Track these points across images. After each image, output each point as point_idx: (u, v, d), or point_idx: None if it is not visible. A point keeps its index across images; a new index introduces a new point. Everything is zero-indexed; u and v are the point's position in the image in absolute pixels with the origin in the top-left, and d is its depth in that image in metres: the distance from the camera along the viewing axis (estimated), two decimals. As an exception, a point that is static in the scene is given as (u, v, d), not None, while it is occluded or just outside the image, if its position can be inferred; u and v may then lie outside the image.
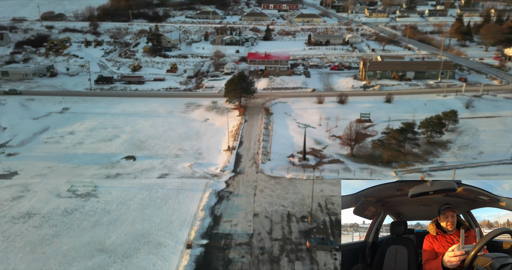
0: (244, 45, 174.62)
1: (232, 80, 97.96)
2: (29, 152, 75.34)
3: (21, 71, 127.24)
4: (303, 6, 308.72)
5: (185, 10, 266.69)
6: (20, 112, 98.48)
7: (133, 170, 67.78)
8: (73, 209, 54.13)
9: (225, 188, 61.17)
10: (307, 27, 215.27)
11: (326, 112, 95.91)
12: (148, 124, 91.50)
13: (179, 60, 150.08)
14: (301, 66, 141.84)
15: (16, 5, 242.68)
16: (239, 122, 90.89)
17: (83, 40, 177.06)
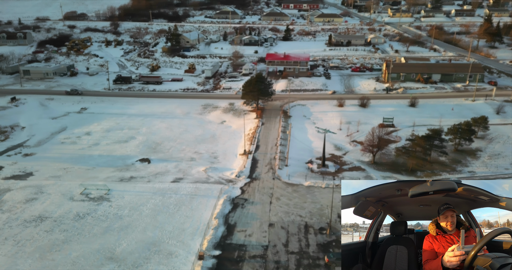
0: (263, 45, 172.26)
1: (250, 82, 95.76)
2: (45, 152, 75.20)
3: (42, 71, 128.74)
4: (324, 6, 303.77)
5: (204, 10, 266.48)
6: (39, 112, 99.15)
7: (147, 173, 66.46)
8: (85, 214, 53.04)
9: (240, 194, 58.96)
10: (328, 27, 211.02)
11: (346, 116, 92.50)
12: (165, 125, 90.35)
13: (197, 61, 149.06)
14: (321, 67, 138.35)
15: (40, 5, 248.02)
16: (256, 125, 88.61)
17: (103, 39, 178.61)
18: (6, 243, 46.36)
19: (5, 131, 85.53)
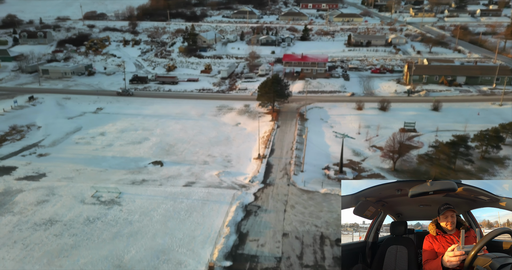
0: (280, 45, 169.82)
1: (266, 83, 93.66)
2: (59, 153, 75.03)
3: (60, 70, 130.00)
4: (343, 5, 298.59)
5: (222, 9, 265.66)
6: (56, 111, 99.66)
7: (159, 176, 65.23)
8: (95, 218, 52.04)
9: (253, 201, 56.93)
10: (347, 27, 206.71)
11: (366, 120, 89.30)
12: (179, 127, 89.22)
13: (213, 61, 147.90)
14: (340, 69, 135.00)
15: (61, 5, 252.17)
16: (271, 127, 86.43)
17: (121, 39, 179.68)
18: (15, 247, 45.71)
19: (21, 130, 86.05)
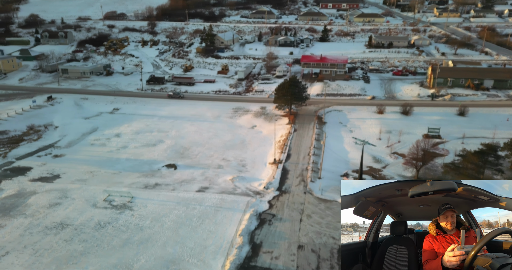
0: (298, 46, 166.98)
1: (283, 85, 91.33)
2: (74, 154, 74.79)
3: (79, 70, 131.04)
4: (364, 5, 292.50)
5: (241, 9, 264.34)
6: (73, 111, 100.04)
7: (172, 180, 63.90)
8: (106, 223, 51.01)
9: (267, 209, 54.81)
10: (368, 28, 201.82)
11: (387, 124, 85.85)
12: (194, 129, 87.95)
13: (230, 62, 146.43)
14: (360, 70, 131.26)
15: (83, 5, 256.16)
16: (288, 131, 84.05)
17: (140, 39, 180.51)
18: (24, 252, 45.01)
19: (38, 130, 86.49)
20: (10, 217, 51.97)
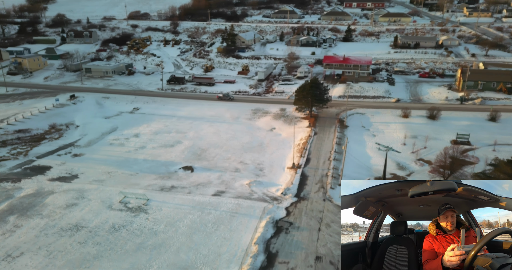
0: (321, 46, 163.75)
1: (304, 87, 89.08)
2: (93, 153, 75.09)
3: (102, 69, 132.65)
4: (390, 4, 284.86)
5: (263, 9, 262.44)
6: (94, 110, 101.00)
7: (188, 183, 62.94)
8: (120, 226, 50.43)
9: (285, 216, 52.92)
10: (394, 28, 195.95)
11: (412, 129, 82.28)
12: (212, 130, 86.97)
13: (251, 62, 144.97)
14: (384, 72, 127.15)
15: (108, 5, 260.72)
16: (308, 134, 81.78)
17: (162, 39, 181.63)
18: (38, 253, 44.88)
19: (60, 129, 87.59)
20: (27, 217, 52.19)
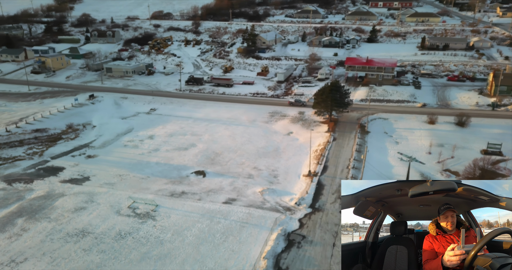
0: (344, 47, 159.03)
1: (323, 90, 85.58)
2: (107, 155, 74.43)
3: (122, 69, 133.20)
4: (418, 4, 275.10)
5: (286, 9, 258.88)
6: (112, 111, 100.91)
7: (200, 189, 60.99)
8: (126, 233, 48.95)
9: (297, 229, 50.03)
10: (421, 28, 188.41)
11: (438, 136, 77.44)
12: (228, 133, 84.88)
13: (271, 63, 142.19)
14: (410, 75, 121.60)
15: (132, 5, 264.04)
16: (327, 140, 78.31)
17: (184, 39, 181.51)
18: (42, 260, 43.89)
19: (77, 129, 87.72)
20: (35, 220, 51.56)
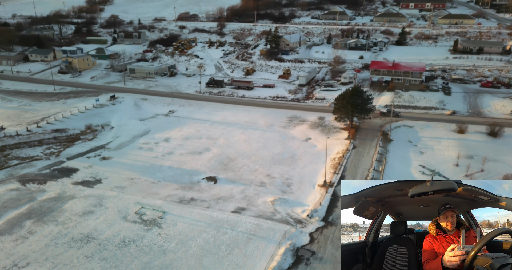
0: (370, 50, 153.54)
1: (344, 95, 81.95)
2: (121, 157, 74.16)
3: (145, 70, 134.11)
4: (452, 5, 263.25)
5: (312, 10, 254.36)
6: (131, 112, 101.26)
7: (209, 196, 59.23)
8: (130, 240, 47.80)
9: (307, 244, 47.22)
10: (454, 31, 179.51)
11: (468, 147, 72.20)
12: (244, 138, 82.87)
13: (294, 65, 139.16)
14: (440, 80, 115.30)
15: (160, 6, 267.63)
16: (346, 147, 74.74)
17: (208, 40, 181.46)
18: (44, 265, 43.35)
19: (95, 129, 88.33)
20: (43, 223, 51.39)
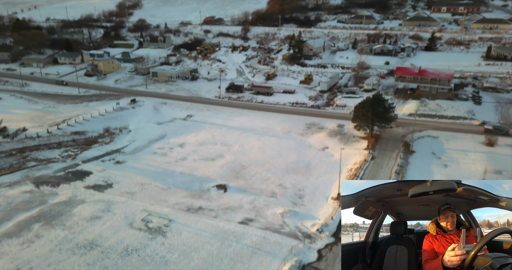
0: (397, 56, 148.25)
1: (364, 103, 78.62)
2: (135, 161, 74.19)
3: (166, 73, 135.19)
4: (487, 9, 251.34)
5: (339, 14, 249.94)
6: (149, 115, 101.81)
7: (218, 205, 57.80)
8: (133, 249, 47.02)
9: (314, 261, 44.77)
10: (488, 36, 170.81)
11: (497, 161, 67.30)
12: (259, 144, 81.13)
13: (316, 70, 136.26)
14: (470, 88, 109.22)
15: (187, 10, 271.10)
16: (364, 158, 71.46)
17: (231, 44, 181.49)
18: (45, 271, 43.22)
19: (113, 133, 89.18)
20: (50, 226, 51.59)
